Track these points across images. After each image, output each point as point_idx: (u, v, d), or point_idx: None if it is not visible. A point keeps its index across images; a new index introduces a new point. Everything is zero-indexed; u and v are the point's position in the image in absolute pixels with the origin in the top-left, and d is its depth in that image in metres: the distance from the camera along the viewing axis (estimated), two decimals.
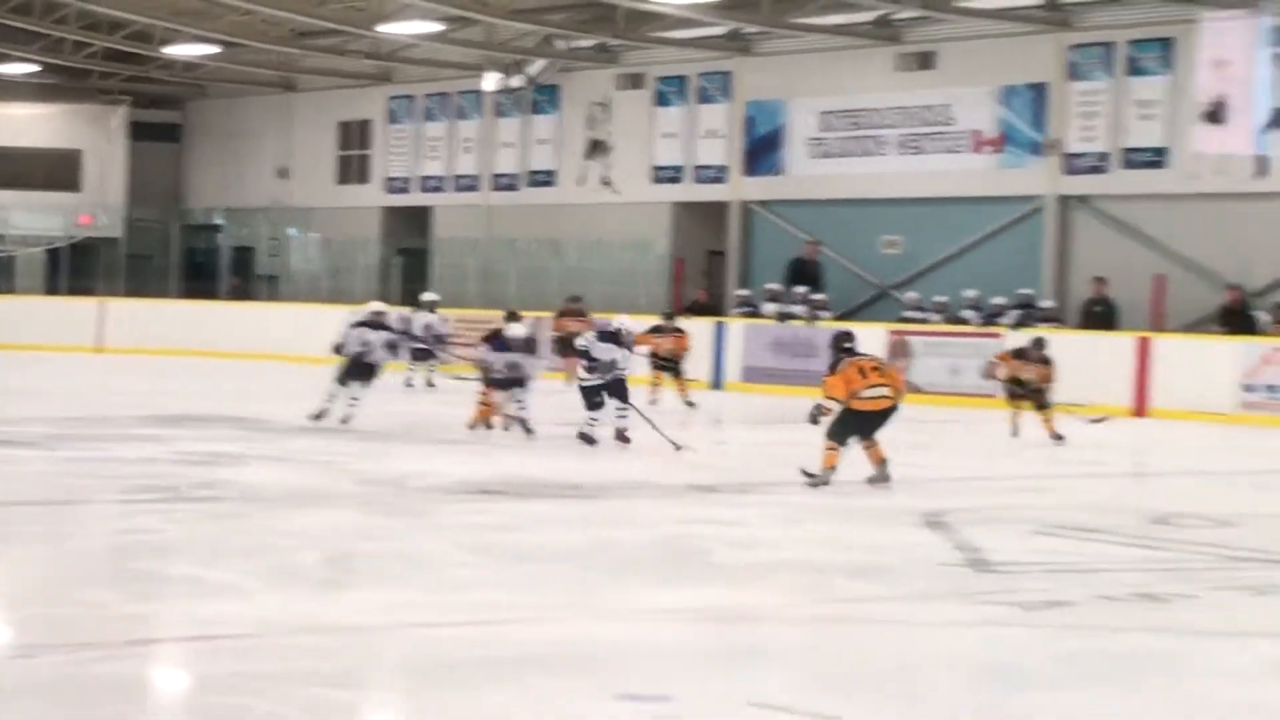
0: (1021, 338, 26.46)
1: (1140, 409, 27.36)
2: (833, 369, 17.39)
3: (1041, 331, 27.74)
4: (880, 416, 17.15)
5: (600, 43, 39.26)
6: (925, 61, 35.23)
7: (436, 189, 44.38)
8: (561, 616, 10.69)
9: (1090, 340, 30.49)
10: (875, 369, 17.33)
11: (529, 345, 22.15)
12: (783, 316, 31.79)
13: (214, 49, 42.67)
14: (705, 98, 38.93)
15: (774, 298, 33.34)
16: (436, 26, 38.11)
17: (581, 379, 20.40)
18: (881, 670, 9.41)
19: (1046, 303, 32.53)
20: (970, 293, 32.99)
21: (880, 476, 17.08)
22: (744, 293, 35.68)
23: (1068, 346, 28.12)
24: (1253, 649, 10.45)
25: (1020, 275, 33.29)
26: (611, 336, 20.28)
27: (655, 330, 28.23)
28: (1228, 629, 11.13)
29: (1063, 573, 12.84)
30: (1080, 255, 33.57)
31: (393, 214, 45.50)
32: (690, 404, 27.45)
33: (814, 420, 17.28)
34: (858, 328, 27.05)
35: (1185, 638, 10.76)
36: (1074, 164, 33.61)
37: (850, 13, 34.41)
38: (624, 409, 20.14)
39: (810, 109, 37.00)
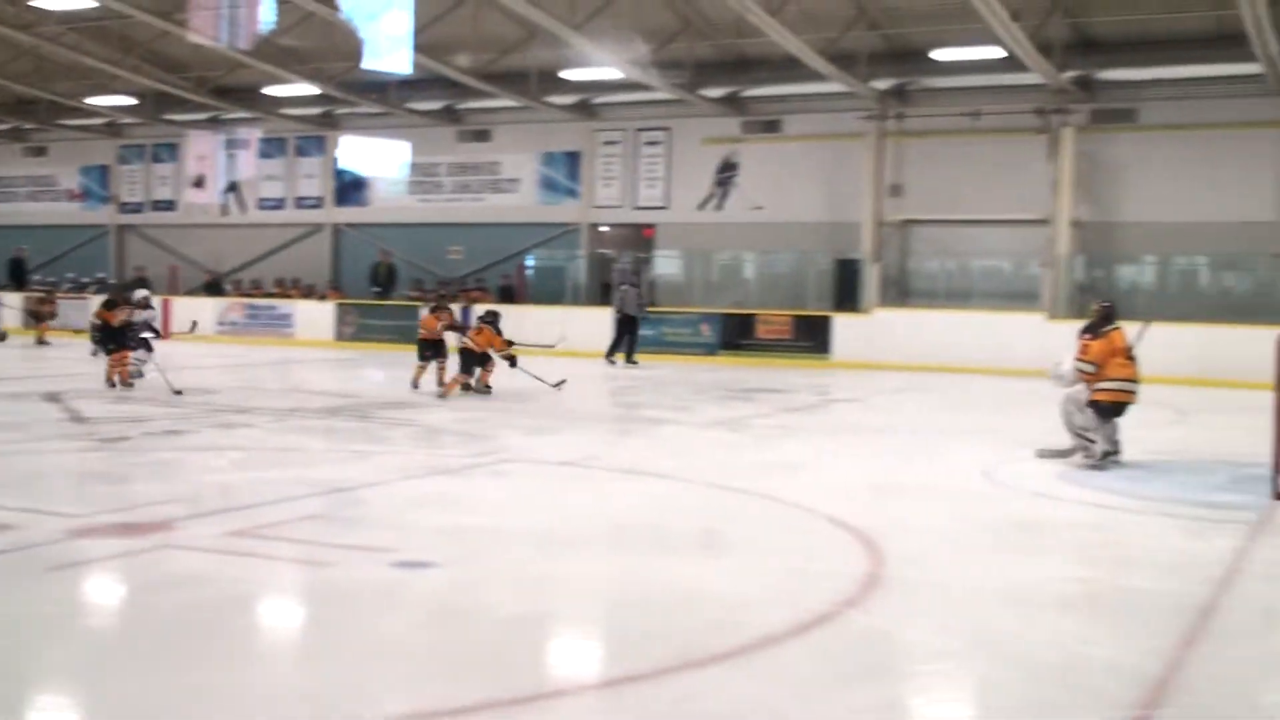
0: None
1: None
2: (498, 335, 15.25)
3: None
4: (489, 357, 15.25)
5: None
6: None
7: None
8: None
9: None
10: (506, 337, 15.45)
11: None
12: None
13: None
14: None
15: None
16: None
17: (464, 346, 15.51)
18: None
19: (113, 280, 30.83)
20: (70, 275, 30.90)
21: (484, 389, 15.26)
22: None
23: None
24: (225, 449, 10.53)
25: (98, 266, 31.50)
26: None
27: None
28: (212, 445, 11.03)
29: (121, 422, 12.22)
30: (130, 255, 31.91)
31: None
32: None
33: (512, 363, 15.40)
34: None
35: (246, 454, 10.59)
36: (125, 208, 32.06)
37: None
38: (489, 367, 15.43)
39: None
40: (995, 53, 20.49)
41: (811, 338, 22.73)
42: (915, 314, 22.63)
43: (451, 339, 15.98)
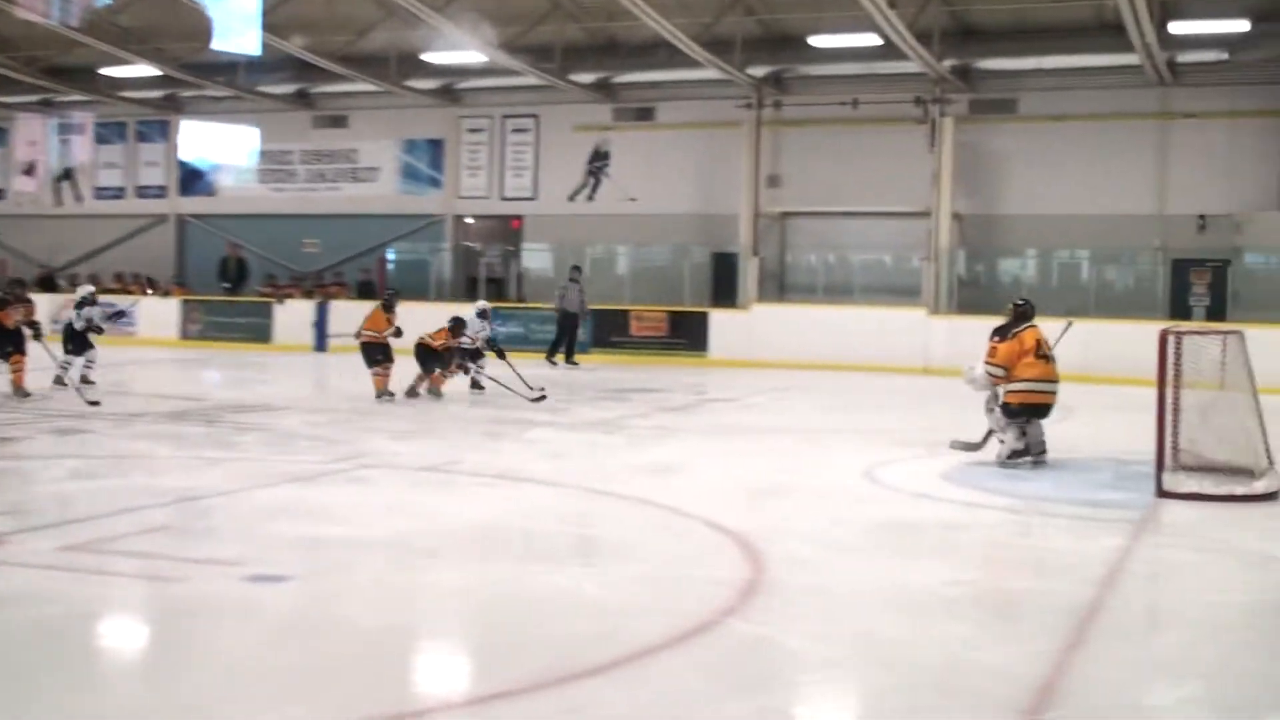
0: None
1: None
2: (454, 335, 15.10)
3: None
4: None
5: None
6: None
7: None
8: None
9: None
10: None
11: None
12: None
13: None
14: None
15: None
16: None
17: (461, 343, 15.29)
18: None
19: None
20: None
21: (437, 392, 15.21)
22: None
23: None
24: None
25: None
26: (481, 314, 15.98)
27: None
28: (46, 453, 10.72)
29: None
30: None
31: None
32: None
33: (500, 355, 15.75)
34: None
35: (28, 460, 10.31)
36: None
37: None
38: (480, 365, 15.69)
39: None
40: (873, 40, 20.82)
41: (688, 334, 22.85)
42: (794, 309, 22.89)
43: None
